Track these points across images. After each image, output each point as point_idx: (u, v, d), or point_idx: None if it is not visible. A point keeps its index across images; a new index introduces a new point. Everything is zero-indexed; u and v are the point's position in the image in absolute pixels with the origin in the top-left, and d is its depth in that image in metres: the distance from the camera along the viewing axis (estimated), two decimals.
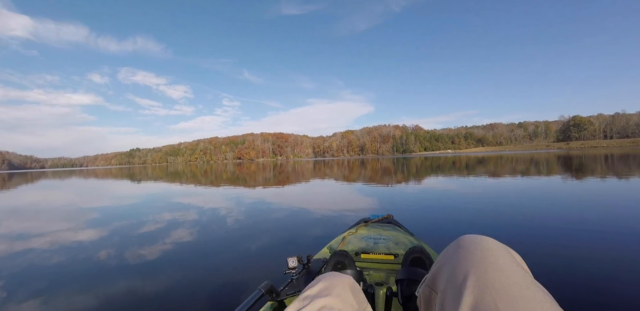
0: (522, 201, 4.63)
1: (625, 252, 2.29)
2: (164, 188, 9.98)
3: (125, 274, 2.34)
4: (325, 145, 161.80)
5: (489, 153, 55.48)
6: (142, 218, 4.60)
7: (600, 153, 27.36)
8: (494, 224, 3.32)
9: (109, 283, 2.19)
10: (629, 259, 2.16)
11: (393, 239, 1.42)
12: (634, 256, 2.20)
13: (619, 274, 1.92)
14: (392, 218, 1.90)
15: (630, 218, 3.27)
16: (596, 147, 69.79)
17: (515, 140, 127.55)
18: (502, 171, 10.91)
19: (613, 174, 7.95)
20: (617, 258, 2.18)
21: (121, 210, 5.52)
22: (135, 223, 4.22)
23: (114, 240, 3.39)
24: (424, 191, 6.31)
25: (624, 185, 5.87)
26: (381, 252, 1.29)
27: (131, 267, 2.48)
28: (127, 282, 2.18)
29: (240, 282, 2.06)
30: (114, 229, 3.93)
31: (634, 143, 71.41)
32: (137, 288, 2.07)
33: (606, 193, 4.99)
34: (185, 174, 20.00)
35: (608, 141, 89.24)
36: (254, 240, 3.09)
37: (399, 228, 1.67)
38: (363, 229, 1.64)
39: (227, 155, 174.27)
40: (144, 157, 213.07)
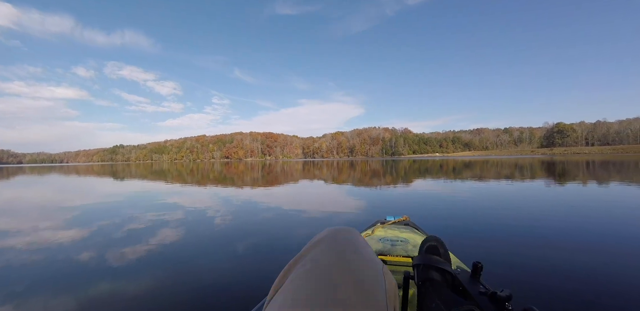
0: (503, 202, 4.55)
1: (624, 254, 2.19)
2: (148, 187, 9.59)
3: (108, 277, 2.14)
4: (315, 146, 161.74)
5: (475, 157, 56.40)
6: (126, 218, 4.31)
7: (583, 159, 28.08)
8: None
9: (93, 286, 2.00)
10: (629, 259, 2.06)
11: (411, 241, 1.39)
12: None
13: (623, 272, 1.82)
14: (409, 220, 1.83)
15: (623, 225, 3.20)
16: (579, 153, 72.00)
17: (501, 145, 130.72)
18: (488, 175, 10.98)
19: (607, 180, 8.03)
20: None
21: (102, 210, 5.19)
22: (118, 224, 3.93)
23: (94, 240, 3.15)
24: (412, 193, 6.21)
25: (621, 189, 5.89)
26: (399, 254, 1.26)
27: (115, 270, 2.26)
28: (111, 287, 1.98)
29: (251, 287, 1.96)
30: (95, 229, 3.65)
31: (614, 151, 74.29)
32: (128, 295, 1.87)
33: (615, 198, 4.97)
34: (170, 173, 19.47)
35: (590, 148, 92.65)
36: (261, 244, 2.92)
37: (416, 230, 1.62)
38: (380, 230, 1.60)
39: (214, 153, 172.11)
40: (128, 154, 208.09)
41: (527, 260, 2.21)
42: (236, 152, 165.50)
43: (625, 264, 2.15)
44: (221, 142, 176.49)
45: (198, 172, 19.38)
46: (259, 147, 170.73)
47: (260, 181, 10.90)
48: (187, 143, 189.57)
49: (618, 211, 3.96)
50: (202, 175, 16.32)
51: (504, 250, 2.47)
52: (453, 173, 12.47)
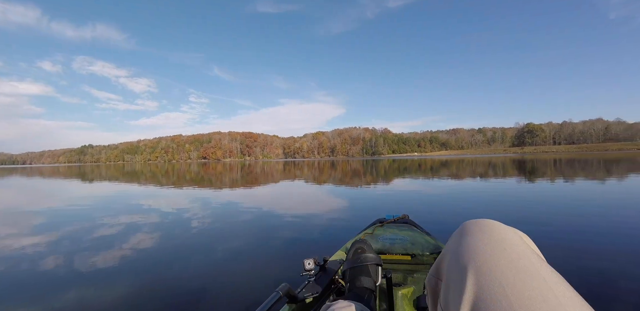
0: (478, 196, 4.61)
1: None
2: (119, 189, 9.06)
3: (76, 287, 1.99)
4: (296, 146, 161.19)
5: (452, 156, 58.09)
6: (95, 223, 3.97)
7: (551, 157, 29.51)
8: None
9: (59, 297, 1.84)
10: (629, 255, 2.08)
11: (410, 239, 1.41)
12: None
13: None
14: (408, 218, 1.86)
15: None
16: (547, 152, 75.88)
17: (476, 145, 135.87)
18: (467, 173, 11.25)
19: (575, 177, 8.39)
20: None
21: (69, 215, 4.78)
22: (87, 229, 3.61)
23: (61, 248, 2.89)
24: (397, 191, 6.20)
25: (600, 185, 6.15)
26: (398, 252, 1.29)
27: (84, 279, 2.05)
28: (80, 296, 1.78)
29: (256, 284, 1.95)
30: (61, 236, 3.35)
31: (579, 149, 79.55)
32: (100, 305, 1.75)
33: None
34: (143, 174, 18.65)
35: (557, 146, 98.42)
36: (266, 243, 2.89)
37: (415, 228, 1.65)
38: (379, 230, 1.62)
39: (191, 154, 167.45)
40: (97, 155, 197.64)
41: None
42: (214, 152, 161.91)
43: (614, 260, 2.17)
44: (198, 142, 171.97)
45: (173, 174, 18.69)
46: (238, 147, 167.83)
47: (240, 182, 10.60)
48: (162, 143, 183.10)
49: (599, 206, 4.10)
50: (177, 176, 15.72)
51: None
52: (431, 172, 12.68)
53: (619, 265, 2.10)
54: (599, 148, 75.59)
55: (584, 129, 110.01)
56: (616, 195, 5.14)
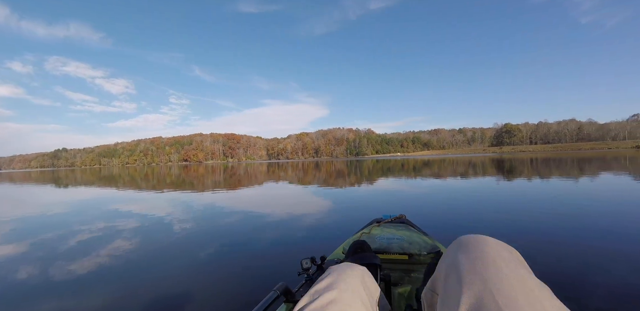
0: (461, 196, 4.71)
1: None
2: (95, 194, 8.67)
3: (52, 296, 1.87)
4: (279, 147, 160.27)
5: (434, 156, 59.35)
6: (72, 230, 3.76)
7: (528, 157, 30.67)
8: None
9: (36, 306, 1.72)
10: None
11: (407, 239, 1.42)
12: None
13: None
14: (405, 217, 1.87)
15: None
16: (524, 151, 78.91)
17: (456, 145, 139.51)
18: (448, 173, 11.51)
19: (554, 175, 8.70)
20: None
21: (43, 222, 4.53)
22: (63, 237, 3.40)
23: (35, 256, 2.72)
24: (380, 191, 6.24)
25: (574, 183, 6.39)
26: (395, 252, 1.29)
27: (61, 286, 1.92)
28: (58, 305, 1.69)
29: (254, 284, 1.96)
30: (36, 243, 3.17)
31: (554, 148, 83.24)
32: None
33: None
34: (122, 178, 18.00)
35: (534, 146, 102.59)
36: (263, 243, 2.91)
37: (412, 228, 1.65)
38: (376, 229, 1.62)
39: (171, 156, 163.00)
40: (72, 159, 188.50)
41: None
42: (196, 154, 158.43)
43: (607, 257, 2.22)
44: (179, 144, 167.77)
45: (153, 177, 18.13)
46: (220, 149, 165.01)
47: (227, 185, 10.39)
48: (141, 145, 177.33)
49: (588, 202, 4.25)
50: (157, 180, 15.26)
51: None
52: (414, 172, 12.89)
53: (596, 259, 2.16)
54: (573, 148, 79.57)
55: (558, 129, 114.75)
56: (593, 192, 5.36)
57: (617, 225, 3.07)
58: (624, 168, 10.40)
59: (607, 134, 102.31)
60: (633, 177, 7.57)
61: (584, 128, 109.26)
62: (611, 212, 3.70)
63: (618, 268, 2.00)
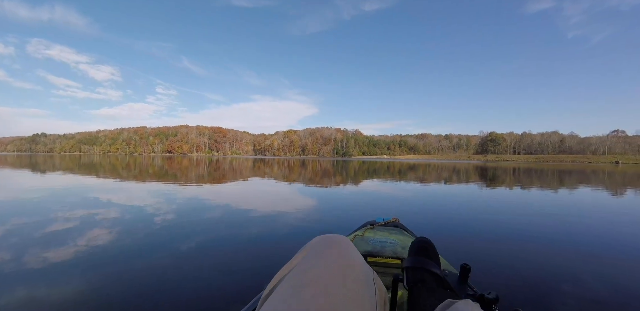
0: (444, 197, 4.70)
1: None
2: (73, 181, 8.25)
3: (26, 285, 1.79)
4: (266, 143, 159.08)
5: (420, 160, 60.21)
6: (48, 217, 3.50)
7: (512, 166, 31.44)
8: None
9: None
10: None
11: (400, 243, 1.41)
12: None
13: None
14: (399, 221, 1.87)
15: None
16: (507, 160, 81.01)
17: (442, 150, 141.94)
18: (433, 178, 11.62)
19: (558, 185, 8.86)
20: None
21: (17, 207, 4.26)
22: (38, 223, 3.14)
23: (7, 242, 2.53)
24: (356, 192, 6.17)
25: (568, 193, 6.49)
26: (388, 256, 1.28)
27: (36, 276, 1.92)
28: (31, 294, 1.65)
29: (244, 284, 1.93)
30: (8, 229, 2.95)
31: (536, 159, 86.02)
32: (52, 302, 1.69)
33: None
34: (102, 167, 17.35)
35: (517, 156, 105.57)
36: (255, 244, 2.80)
37: (405, 232, 1.65)
38: (369, 232, 1.61)
39: (155, 147, 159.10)
40: (51, 144, 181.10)
41: (513, 263, 2.29)
42: (180, 146, 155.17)
43: (609, 266, 2.24)
44: (163, 135, 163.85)
45: (135, 167, 17.56)
46: (206, 142, 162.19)
47: (215, 179, 10.12)
48: (124, 134, 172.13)
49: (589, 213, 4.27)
50: (138, 170, 14.77)
51: (491, 252, 2.59)
52: (399, 175, 12.95)
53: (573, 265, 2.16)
54: (555, 160, 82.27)
55: (541, 140, 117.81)
56: (573, 203, 5.45)
57: (612, 235, 3.10)
58: (604, 183, 10.77)
59: (588, 148, 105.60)
60: (612, 191, 7.81)
61: (565, 140, 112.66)
62: (605, 221, 3.75)
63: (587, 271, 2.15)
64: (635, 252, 2.63)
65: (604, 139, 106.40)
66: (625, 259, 2.46)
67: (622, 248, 2.75)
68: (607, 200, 5.98)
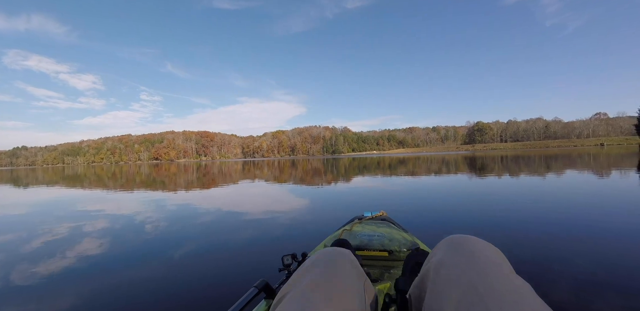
0: (434, 192, 4.68)
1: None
2: (59, 194, 7.92)
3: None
4: (255, 145, 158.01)
5: (409, 154, 60.66)
6: (35, 231, 3.39)
7: (500, 154, 31.89)
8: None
9: None
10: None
11: (387, 236, 1.43)
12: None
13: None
14: (386, 215, 1.90)
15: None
16: (495, 149, 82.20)
17: (431, 143, 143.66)
18: (421, 171, 11.68)
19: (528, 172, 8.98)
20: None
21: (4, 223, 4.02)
22: (25, 238, 2.97)
23: None
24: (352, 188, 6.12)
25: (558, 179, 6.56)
26: (376, 249, 1.31)
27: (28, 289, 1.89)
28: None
29: (233, 281, 1.98)
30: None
31: (523, 146, 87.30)
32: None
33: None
34: (87, 178, 16.83)
35: (504, 144, 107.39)
36: (244, 240, 2.90)
37: (392, 225, 1.67)
38: (357, 226, 1.64)
39: (141, 155, 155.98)
40: (33, 157, 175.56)
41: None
42: (167, 152, 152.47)
43: (605, 256, 2.21)
44: (149, 142, 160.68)
45: (121, 177, 17.09)
46: (193, 147, 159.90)
47: (204, 184, 9.89)
48: (108, 143, 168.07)
49: (576, 199, 4.30)
50: (125, 179, 14.36)
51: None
52: (390, 170, 12.98)
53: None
54: (541, 145, 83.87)
55: (527, 127, 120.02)
56: (559, 188, 5.50)
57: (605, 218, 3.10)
58: (589, 165, 11.00)
59: (572, 132, 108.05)
60: (598, 173, 7.95)
61: (550, 126, 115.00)
62: (601, 204, 3.77)
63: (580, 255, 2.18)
64: (618, 232, 2.65)
65: (587, 122, 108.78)
66: (612, 240, 2.46)
67: (610, 230, 2.76)
68: (595, 183, 6.07)
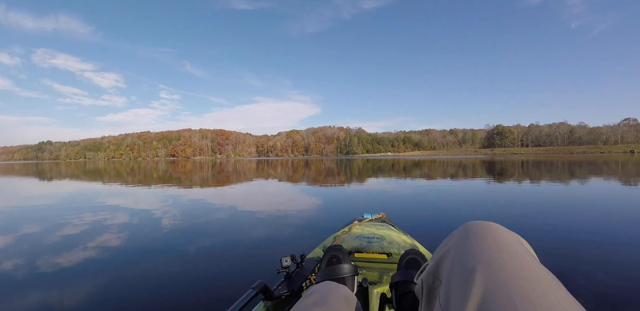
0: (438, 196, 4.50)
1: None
2: (81, 188, 8.17)
3: (42, 287, 1.94)
4: (269, 144, 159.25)
5: (425, 157, 59.81)
6: (60, 223, 3.55)
7: (522, 159, 30.84)
8: None
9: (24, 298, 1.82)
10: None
11: (387, 238, 1.41)
12: None
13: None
14: (386, 217, 1.87)
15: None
16: (516, 153, 79.17)
17: (447, 146, 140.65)
18: (439, 174, 11.38)
19: (549, 179, 8.61)
20: None
21: (28, 214, 4.37)
22: (51, 229, 3.08)
23: (22, 249, 2.73)
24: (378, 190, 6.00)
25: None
26: (375, 251, 1.29)
27: (51, 279, 2.03)
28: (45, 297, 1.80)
29: (231, 282, 1.98)
30: (23, 235, 3.03)
31: (546, 151, 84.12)
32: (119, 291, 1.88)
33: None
34: (107, 173, 17.34)
35: (525, 149, 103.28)
36: (243, 241, 2.91)
37: (392, 227, 1.65)
38: (357, 228, 1.61)
39: (158, 151, 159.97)
40: (57, 152, 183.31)
41: None
42: (184, 150, 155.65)
43: (602, 258, 2.19)
44: (166, 139, 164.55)
45: (139, 172, 17.51)
46: (209, 145, 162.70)
47: (212, 181, 9.98)
48: (128, 139, 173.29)
49: (572, 208, 4.06)
50: (143, 175, 14.70)
51: None
52: (404, 172, 12.73)
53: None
54: (565, 151, 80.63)
55: (550, 132, 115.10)
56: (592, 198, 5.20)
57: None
58: (618, 174, 10.46)
59: (599, 138, 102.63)
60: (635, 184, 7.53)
61: (575, 131, 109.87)
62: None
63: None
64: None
65: (615, 128, 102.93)
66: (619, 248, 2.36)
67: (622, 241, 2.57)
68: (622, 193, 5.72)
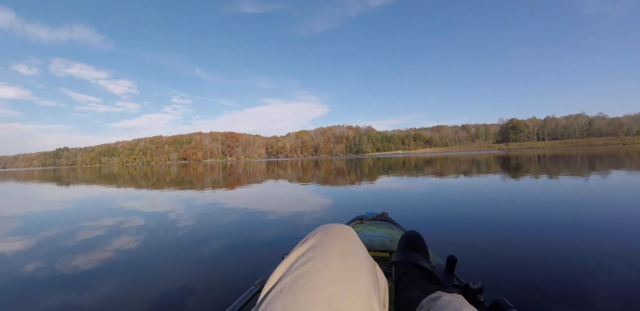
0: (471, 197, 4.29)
1: None
2: (96, 192, 8.28)
3: (63, 290, 2.00)
4: (279, 145, 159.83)
5: (436, 154, 58.83)
6: (78, 227, 3.75)
7: (539, 153, 29.88)
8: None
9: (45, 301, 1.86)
10: None
11: (388, 236, 1.43)
12: None
13: None
14: (387, 215, 1.90)
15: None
16: (532, 148, 75.93)
17: (459, 142, 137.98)
18: (448, 170, 11.08)
19: (559, 174, 8.28)
20: None
21: (48, 218, 4.56)
22: (70, 233, 3.23)
23: (43, 252, 2.85)
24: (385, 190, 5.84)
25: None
26: (376, 249, 1.30)
27: (72, 281, 2.12)
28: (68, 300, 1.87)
29: (234, 279, 2.03)
30: (43, 239, 3.29)
31: (564, 145, 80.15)
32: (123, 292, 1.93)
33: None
34: (121, 177, 17.62)
35: (542, 142, 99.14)
36: (246, 239, 2.95)
37: (394, 226, 1.67)
38: (358, 226, 1.63)
39: (170, 155, 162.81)
40: (73, 158, 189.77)
41: (498, 253, 2.28)
42: (195, 153, 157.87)
43: (596, 256, 2.16)
44: (178, 143, 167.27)
45: (152, 176, 17.72)
46: (219, 148, 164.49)
47: (221, 183, 9.98)
48: (141, 144, 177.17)
49: (584, 204, 3.84)
50: (155, 179, 14.85)
51: (477, 243, 2.56)
52: (416, 170, 12.46)
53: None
54: (584, 144, 76.43)
55: (567, 124, 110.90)
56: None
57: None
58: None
59: (619, 129, 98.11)
60: None
61: (594, 123, 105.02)
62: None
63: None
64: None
65: (637, 118, 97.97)
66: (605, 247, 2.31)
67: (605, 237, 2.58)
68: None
